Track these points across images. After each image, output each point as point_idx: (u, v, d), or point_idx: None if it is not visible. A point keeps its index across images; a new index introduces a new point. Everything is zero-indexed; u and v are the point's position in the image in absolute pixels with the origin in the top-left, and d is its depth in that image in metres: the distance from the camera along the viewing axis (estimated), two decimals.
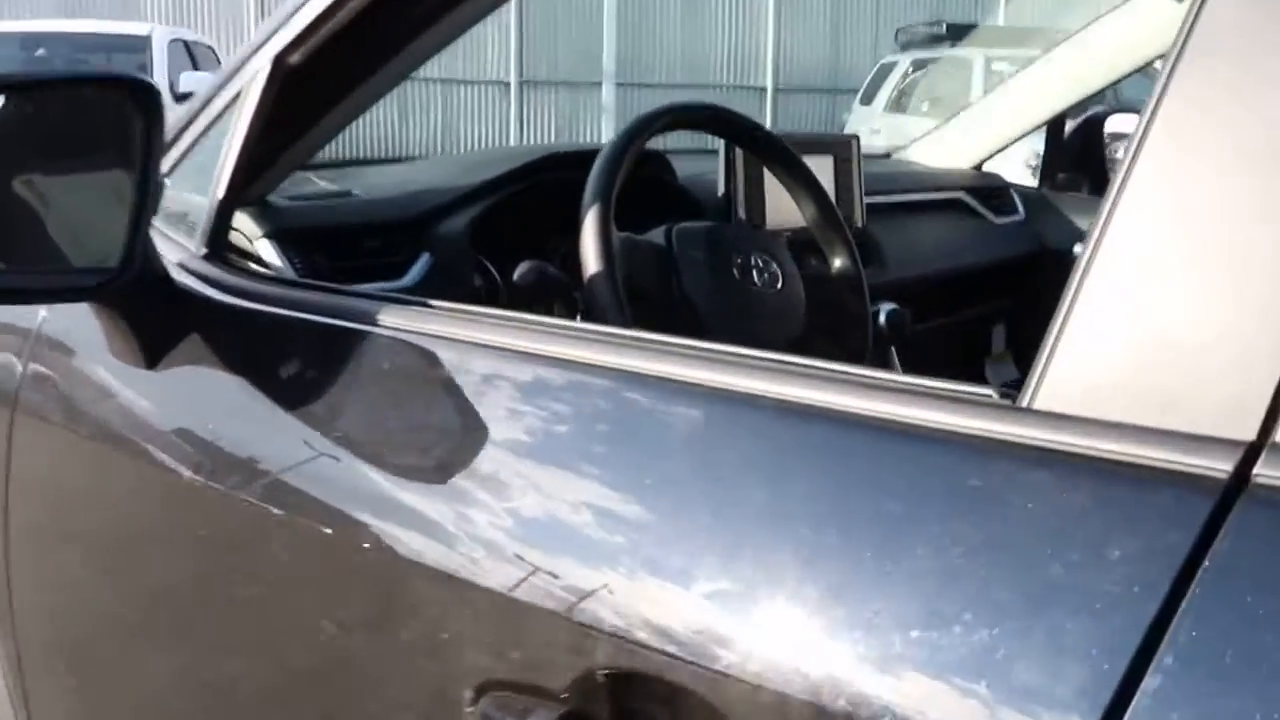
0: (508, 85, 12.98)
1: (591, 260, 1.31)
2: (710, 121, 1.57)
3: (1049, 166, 2.81)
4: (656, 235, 1.48)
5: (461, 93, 12.92)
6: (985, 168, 2.75)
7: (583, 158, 1.66)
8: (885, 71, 11.71)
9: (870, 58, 13.37)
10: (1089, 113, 2.78)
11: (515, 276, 1.40)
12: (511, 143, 12.57)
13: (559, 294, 1.43)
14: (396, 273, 1.57)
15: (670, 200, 1.81)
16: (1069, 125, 2.77)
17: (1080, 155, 2.80)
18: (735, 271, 1.47)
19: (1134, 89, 3.62)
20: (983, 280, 2.50)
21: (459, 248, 1.59)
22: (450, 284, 1.58)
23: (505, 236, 1.76)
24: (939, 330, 2.42)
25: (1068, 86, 2.53)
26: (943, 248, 2.44)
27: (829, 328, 1.62)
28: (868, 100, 11.63)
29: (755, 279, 1.49)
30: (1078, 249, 0.67)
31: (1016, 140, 2.72)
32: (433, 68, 12.19)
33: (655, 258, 1.43)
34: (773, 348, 1.05)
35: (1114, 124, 2.86)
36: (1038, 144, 2.75)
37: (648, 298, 1.40)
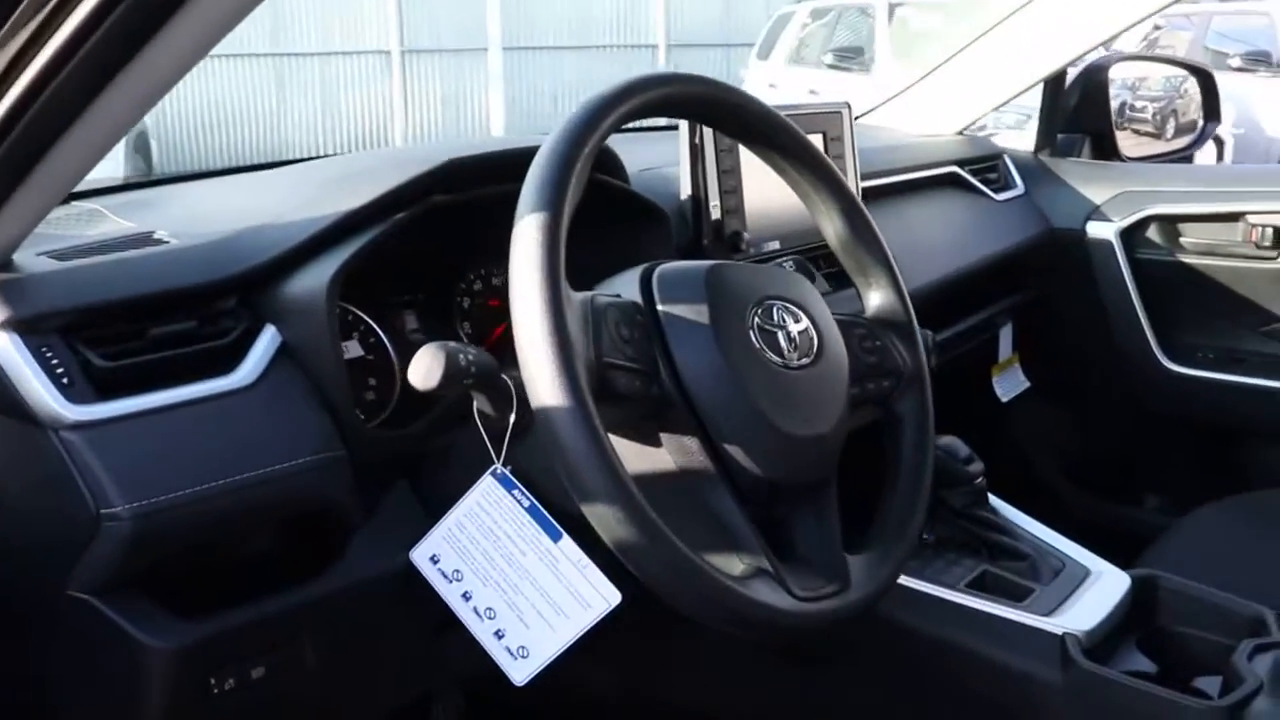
0: (389, 55, 12.28)
1: (540, 360, 0.80)
2: (703, 106, 1.03)
3: (1047, 128, 2.33)
4: (625, 285, 0.97)
5: (340, 65, 12.20)
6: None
7: (499, 164, 1.13)
8: (783, 22, 11.23)
9: (764, 8, 12.92)
10: (1088, 61, 2.32)
11: (411, 373, 0.87)
12: (397, 117, 11.89)
13: (482, 385, 0.90)
14: (224, 363, 1.03)
15: (617, 212, 1.28)
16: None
17: (1080, 112, 2.34)
18: (755, 338, 0.95)
19: None
20: (990, 274, 2.03)
21: (321, 314, 1.04)
22: (311, 372, 1.04)
23: (392, 285, 1.23)
24: (947, 344, 1.94)
25: (1075, 33, 2.06)
26: (948, 240, 1.96)
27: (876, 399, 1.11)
28: (765, 54, 11.15)
29: (784, 347, 0.97)
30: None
31: (1011, 99, 2.24)
32: (308, 39, 11.49)
33: (632, 328, 0.91)
34: (811, 453, 0.97)
35: (1119, 72, 2.41)
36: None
37: (624, 397, 0.89)
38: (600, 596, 0.94)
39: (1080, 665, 1.18)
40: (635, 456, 0.89)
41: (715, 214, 1.38)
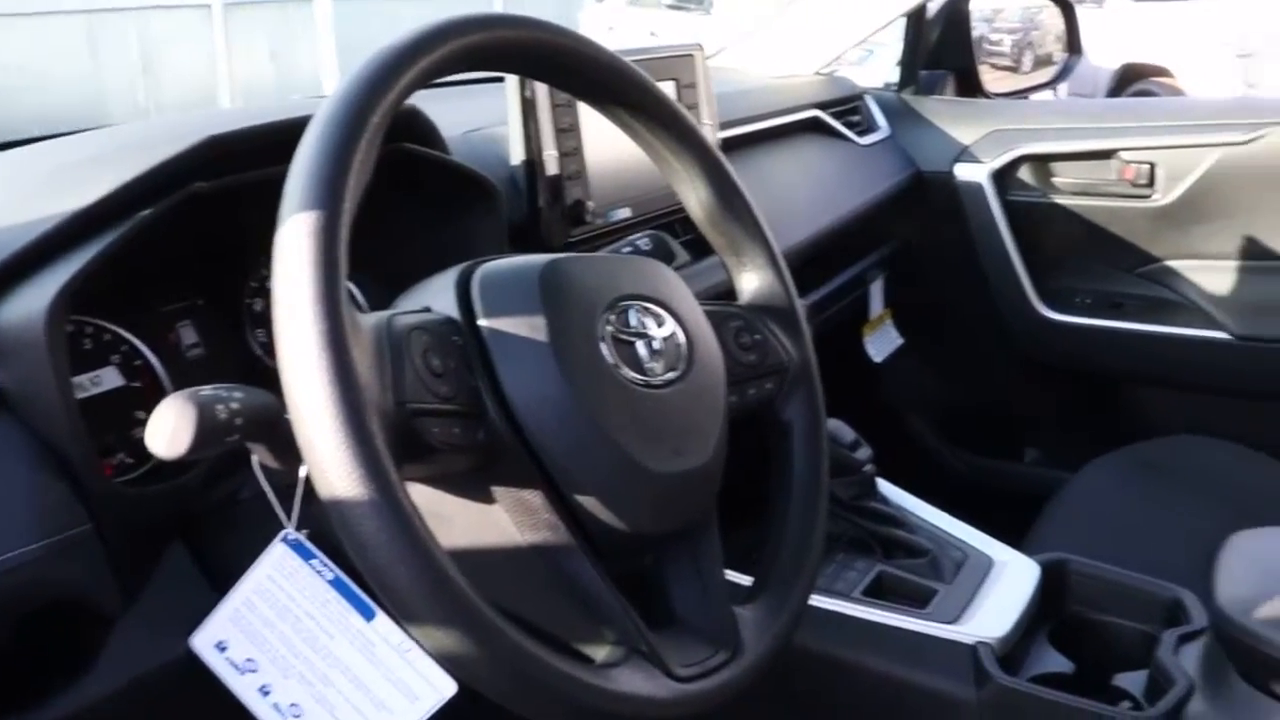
0: (208, 8, 11.70)
1: (317, 420, 0.59)
2: (533, 57, 0.81)
3: (909, 65, 2.19)
4: (436, 295, 0.76)
5: (157, 20, 11.59)
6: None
7: (274, 139, 0.90)
8: None
9: None
10: None
11: (150, 438, 0.64)
12: (221, 76, 11.35)
13: (258, 435, 0.68)
14: None
15: (433, 189, 1.07)
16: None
17: (942, 48, 2.20)
18: (608, 352, 0.76)
19: None
20: (858, 226, 1.88)
21: (41, 348, 0.80)
22: (36, 425, 0.81)
23: (161, 289, 0.99)
24: (815, 308, 1.79)
25: None
26: (814, 193, 1.79)
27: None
28: None
29: (645, 359, 0.78)
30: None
31: (871, 35, 2.09)
32: None
33: (445, 357, 0.70)
34: (686, 492, 0.78)
35: (977, 4, 2.27)
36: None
37: (439, 450, 0.68)
38: (429, 686, 0.74)
39: (996, 680, 1.05)
40: (462, 523, 0.68)
41: (554, 182, 1.18)
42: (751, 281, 0.96)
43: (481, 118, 1.26)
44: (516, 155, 1.17)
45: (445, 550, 0.61)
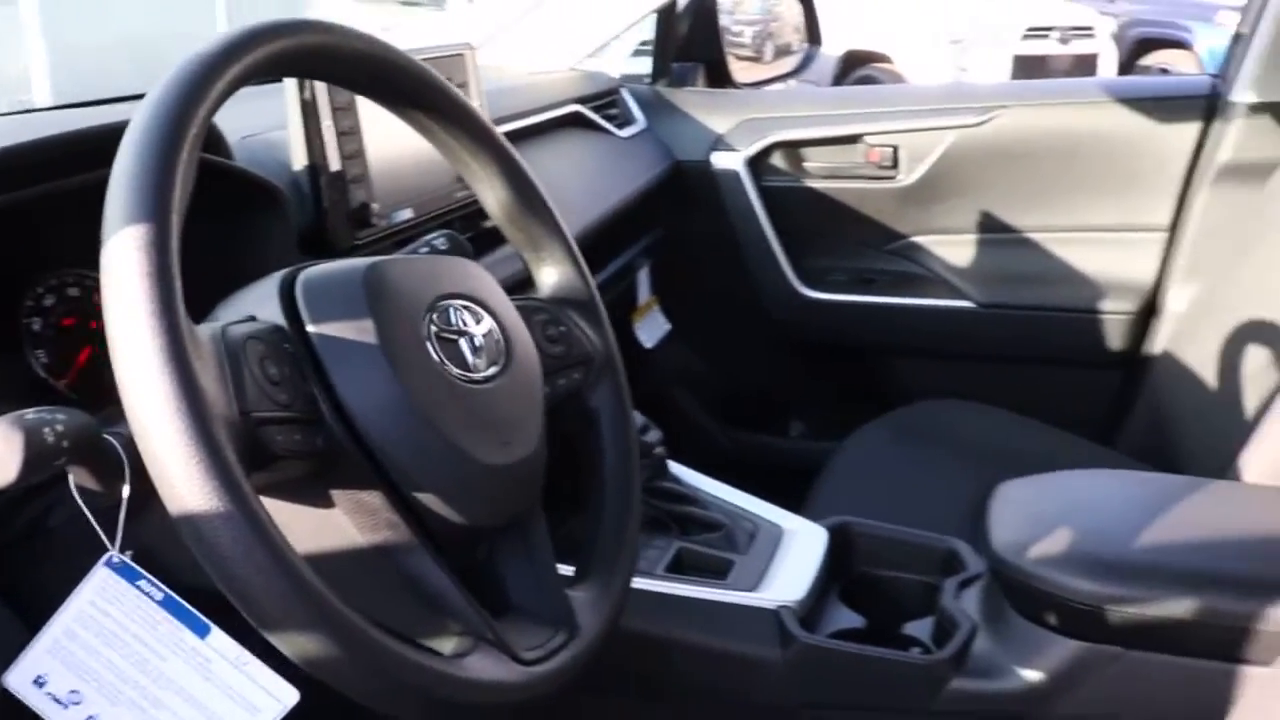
0: None
1: (166, 436, 0.58)
2: (337, 62, 0.80)
3: (661, 59, 2.25)
4: (259, 303, 0.75)
5: None
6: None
7: (56, 153, 0.87)
8: None
9: None
10: None
11: None
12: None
13: (81, 457, 0.66)
14: None
15: (220, 196, 1.05)
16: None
17: (692, 40, 2.27)
18: (433, 351, 0.77)
19: None
20: (624, 216, 1.92)
21: None
22: None
23: None
24: None
25: None
26: (582, 187, 1.82)
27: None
28: None
29: (469, 356, 0.79)
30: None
31: (625, 31, 2.14)
32: None
33: (281, 364, 0.70)
34: (516, 482, 0.80)
35: (739, 11, 2.36)
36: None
37: (281, 457, 0.68)
38: (270, 697, 0.73)
39: (799, 639, 1.11)
40: (303, 530, 0.68)
41: (338, 185, 1.17)
42: (551, 275, 0.98)
43: (256, 123, 1.24)
44: (299, 160, 1.15)
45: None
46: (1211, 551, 1.11)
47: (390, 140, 1.24)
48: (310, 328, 0.73)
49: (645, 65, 2.32)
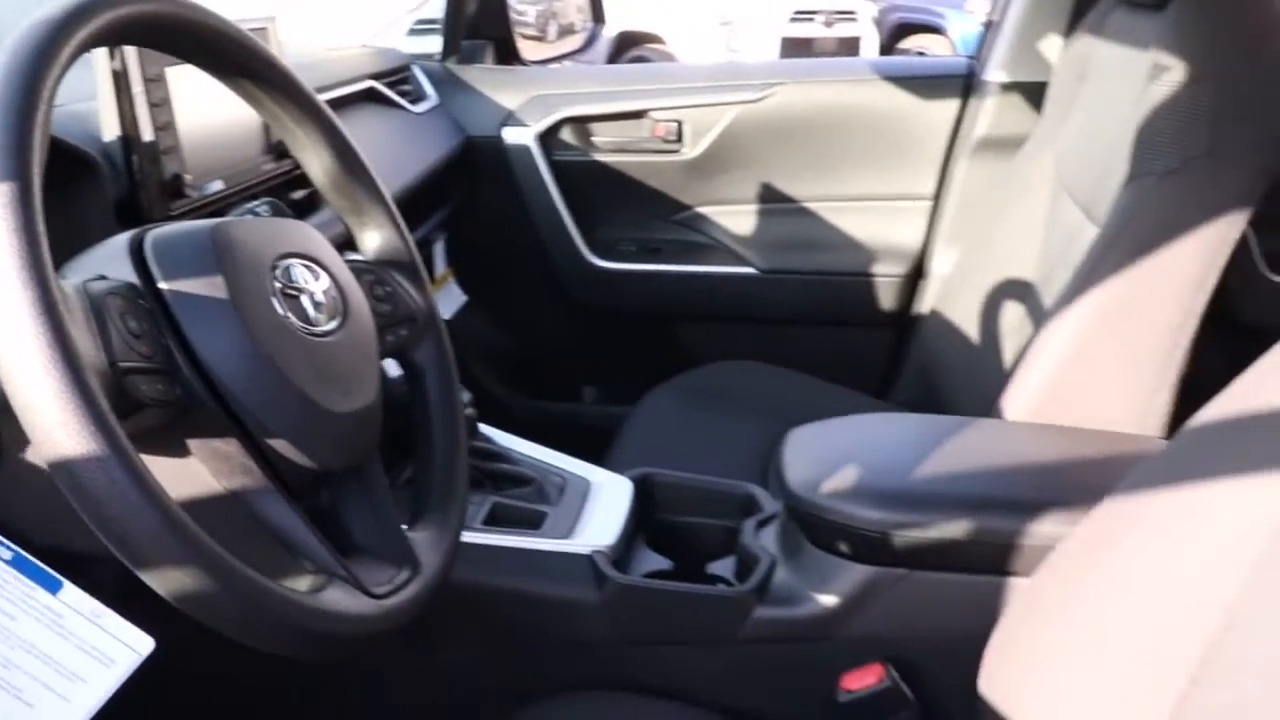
0: None
1: (42, 386, 0.61)
2: (170, 31, 0.82)
3: (451, 36, 2.29)
4: (109, 263, 0.78)
5: None
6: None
7: None
8: None
9: None
10: None
11: None
12: None
13: None
14: None
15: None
16: None
17: (480, 19, 2.31)
18: (279, 306, 0.81)
19: None
20: (419, 191, 1.95)
21: None
22: None
23: None
24: None
25: None
26: (380, 162, 1.83)
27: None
28: None
29: (311, 311, 0.83)
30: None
31: (415, 7, 2.16)
32: None
33: (139, 319, 0.73)
34: (359, 429, 0.85)
35: None
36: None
37: (145, 406, 0.71)
38: (125, 647, 0.76)
39: (614, 580, 1.18)
40: (163, 478, 0.71)
41: (151, 156, 1.18)
42: (375, 239, 1.02)
43: (62, 94, 1.23)
44: (111, 131, 1.15)
45: None
46: (979, 479, 1.23)
47: (200, 113, 1.25)
48: (163, 284, 0.75)
49: (420, 44, 2.34)
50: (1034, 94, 2.04)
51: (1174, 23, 1.42)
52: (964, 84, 2.16)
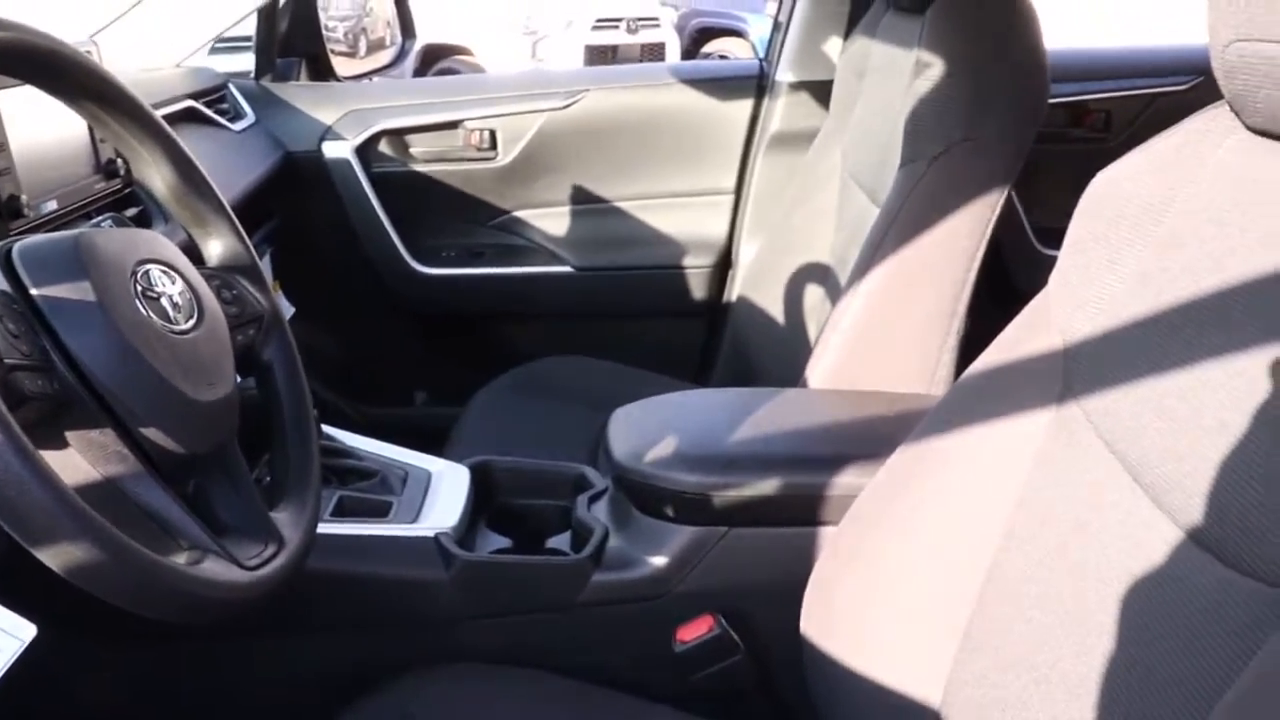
0: None
1: None
2: (13, 57, 0.89)
3: (265, 54, 2.33)
4: None
5: None
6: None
7: None
8: None
9: None
10: None
11: None
12: None
13: None
14: None
15: None
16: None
17: (293, 36, 2.35)
18: (142, 307, 0.88)
19: None
20: (244, 207, 2.00)
21: None
22: None
23: None
24: None
25: None
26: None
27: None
28: None
29: (170, 312, 0.91)
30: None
31: (229, 28, 2.19)
32: None
33: (16, 321, 0.80)
34: (219, 416, 0.92)
35: (332, 8, 2.46)
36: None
37: (30, 400, 0.78)
38: (6, 635, 0.82)
39: (460, 557, 1.26)
40: None
41: None
42: (218, 247, 1.10)
43: None
44: None
45: None
46: (787, 440, 1.36)
47: (31, 135, 1.30)
48: (34, 291, 0.82)
49: (221, 62, 2.37)
50: (821, 91, 2.20)
51: (932, 25, 1.58)
52: (757, 84, 2.32)
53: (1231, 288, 0.74)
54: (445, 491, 1.40)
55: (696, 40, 10.10)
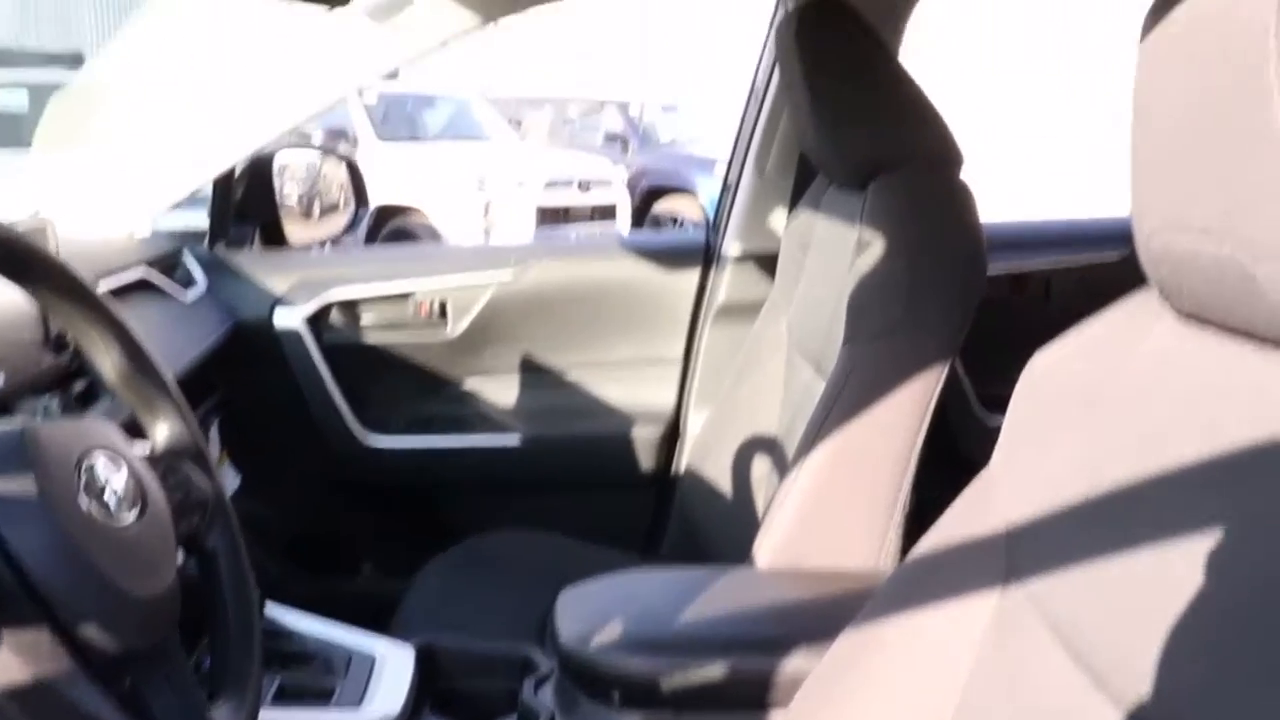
0: None
1: None
2: None
3: (219, 221, 2.35)
4: None
5: None
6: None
7: None
8: None
9: None
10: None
11: None
12: None
13: None
14: None
15: None
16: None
17: (248, 203, 2.38)
18: (84, 500, 0.87)
19: None
20: (192, 378, 2.00)
21: None
22: None
23: None
24: None
25: (247, 131, 2.09)
26: (156, 352, 1.88)
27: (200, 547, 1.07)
28: None
29: (113, 503, 0.90)
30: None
31: (186, 196, 2.22)
32: None
33: None
34: (158, 612, 0.90)
35: (283, 159, 2.48)
36: None
37: None
38: None
39: None
40: None
41: None
42: (164, 431, 1.09)
43: None
44: None
45: None
46: (735, 622, 1.36)
47: None
48: None
49: (184, 217, 2.37)
50: (767, 263, 2.25)
51: (872, 203, 1.63)
52: (704, 255, 2.37)
53: (1163, 478, 0.75)
54: (389, 675, 1.39)
55: (647, 200, 10.33)
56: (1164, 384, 0.79)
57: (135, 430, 1.10)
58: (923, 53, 2.47)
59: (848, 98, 1.67)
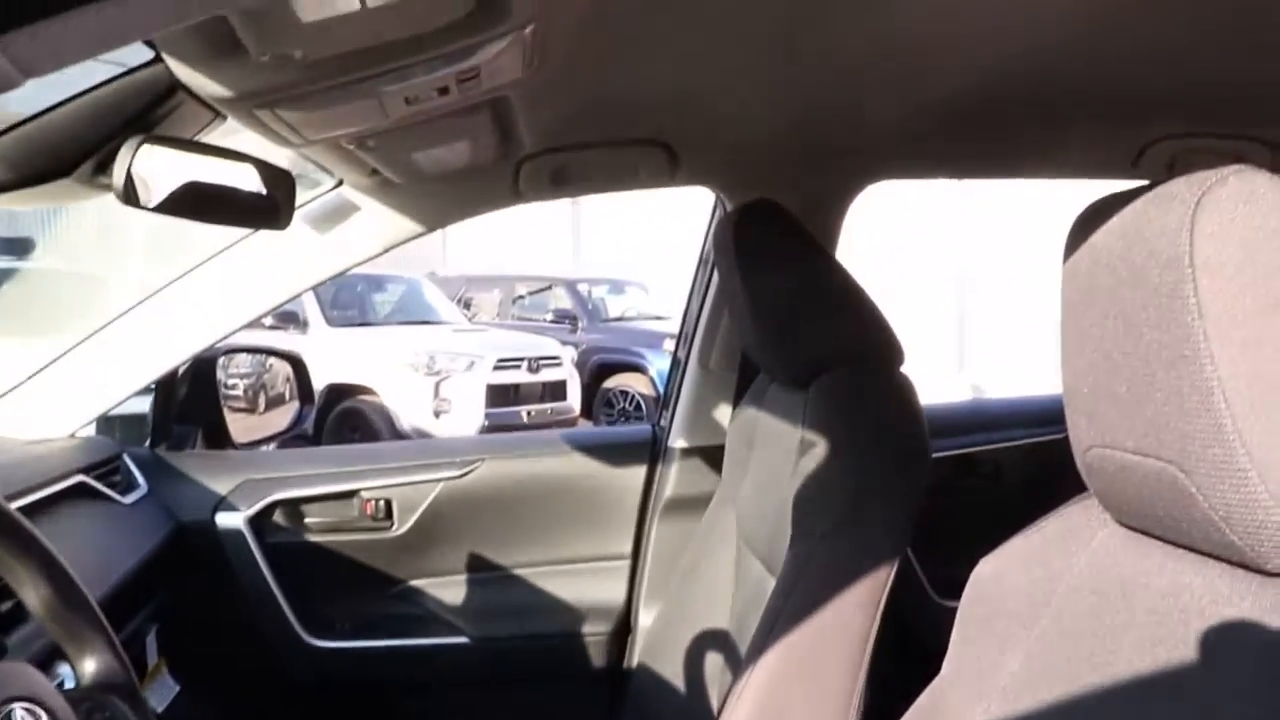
0: None
1: None
2: None
3: (161, 423, 2.33)
4: None
5: None
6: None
7: None
8: None
9: None
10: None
11: None
12: None
13: None
14: None
15: None
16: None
17: (190, 404, 2.36)
18: None
19: None
20: (129, 586, 1.95)
21: None
22: None
23: None
24: None
25: (192, 333, 2.10)
26: (89, 566, 1.83)
27: None
28: None
29: None
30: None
31: (128, 398, 2.21)
32: None
33: None
34: None
35: (232, 365, 2.49)
36: None
37: None
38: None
39: None
40: None
41: None
42: (92, 665, 1.06)
43: None
44: None
45: None
46: None
47: None
48: None
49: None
50: (713, 456, 2.25)
51: (814, 403, 1.64)
52: (651, 450, 2.37)
53: (1109, 686, 0.75)
54: None
55: (597, 376, 10.39)
56: (1107, 594, 0.80)
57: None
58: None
59: (786, 300, 1.70)
